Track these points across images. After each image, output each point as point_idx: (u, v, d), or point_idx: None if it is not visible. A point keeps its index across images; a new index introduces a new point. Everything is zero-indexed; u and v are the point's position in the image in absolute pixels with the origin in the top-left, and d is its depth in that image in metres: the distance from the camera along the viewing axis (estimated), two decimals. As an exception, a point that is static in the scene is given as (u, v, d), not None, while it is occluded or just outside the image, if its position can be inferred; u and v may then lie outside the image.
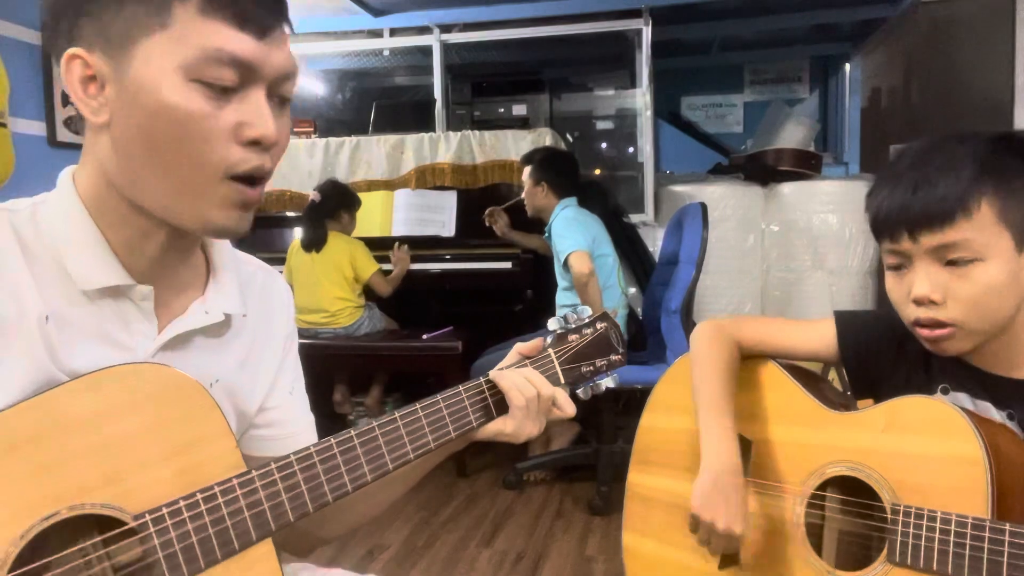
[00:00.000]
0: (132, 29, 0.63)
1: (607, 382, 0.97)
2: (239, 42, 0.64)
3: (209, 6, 0.63)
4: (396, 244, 3.24)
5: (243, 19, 0.64)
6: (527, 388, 0.85)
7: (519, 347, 0.92)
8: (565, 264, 2.70)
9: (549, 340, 0.94)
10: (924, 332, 0.90)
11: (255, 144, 0.67)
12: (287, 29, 0.69)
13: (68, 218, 0.69)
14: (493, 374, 0.86)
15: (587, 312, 0.97)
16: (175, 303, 0.75)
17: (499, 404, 0.86)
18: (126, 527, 0.62)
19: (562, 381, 0.92)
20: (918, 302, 0.88)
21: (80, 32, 0.65)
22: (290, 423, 0.86)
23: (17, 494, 0.58)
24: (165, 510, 0.63)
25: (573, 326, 0.96)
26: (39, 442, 0.60)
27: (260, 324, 0.84)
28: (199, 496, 0.65)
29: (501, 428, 0.86)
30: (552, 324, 0.95)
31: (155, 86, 0.63)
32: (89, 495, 0.61)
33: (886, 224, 0.90)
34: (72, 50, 0.65)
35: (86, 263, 0.68)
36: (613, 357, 0.97)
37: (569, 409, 0.88)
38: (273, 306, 0.86)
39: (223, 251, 0.81)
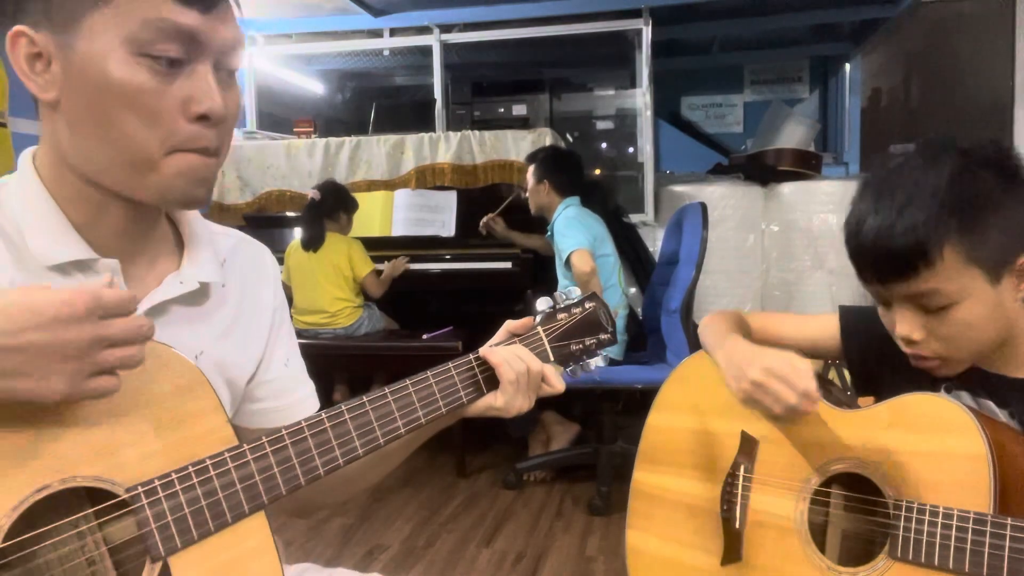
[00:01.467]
0: (76, 5, 0.63)
1: (596, 362, 0.97)
2: (183, 15, 0.64)
3: None
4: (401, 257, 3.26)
5: None
6: (517, 363, 0.85)
7: (509, 325, 0.93)
8: (567, 263, 2.70)
9: (538, 319, 0.94)
10: (913, 363, 0.93)
11: (203, 119, 0.67)
12: (233, 2, 0.70)
13: (27, 196, 0.70)
14: (483, 350, 0.87)
15: (576, 293, 0.98)
16: (149, 277, 0.75)
17: (488, 380, 0.87)
18: (118, 499, 0.62)
19: (551, 359, 0.92)
20: (900, 341, 0.91)
21: (25, 9, 0.65)
22: (289, 393, 0.88)
23: (8, 467, 0.58)
24: (157, 482, 0.64)
25: (562, 305, 0.96)
26: (30, 416, 0.60)
27: (246, 295, 0.84)
28: (191, 469, 0.66)
29: (491, 403, 0.87)
30: (541, 304, 0.96)
31: (101, 62, 0.63)
32: (80, 468, 0.61)
33: (856, 266, 0.91)
34: (17, 28, 0.65)
35: (46, 240, 0.68)
36: (602, 336, 0.97)
37: (559, 384, 0.89)
38: (259, 276, 0.87)
39: (194, 222, 0.81)
